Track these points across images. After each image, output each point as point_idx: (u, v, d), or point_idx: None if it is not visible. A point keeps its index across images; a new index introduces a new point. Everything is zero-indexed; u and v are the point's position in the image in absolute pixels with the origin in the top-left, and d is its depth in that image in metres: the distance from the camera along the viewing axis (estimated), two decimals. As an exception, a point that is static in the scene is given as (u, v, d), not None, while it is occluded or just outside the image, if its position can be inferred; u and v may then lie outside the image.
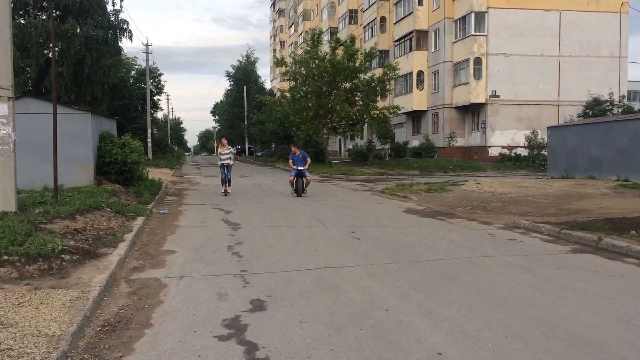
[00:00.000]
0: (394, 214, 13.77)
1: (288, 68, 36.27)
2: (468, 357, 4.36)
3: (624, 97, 39.91)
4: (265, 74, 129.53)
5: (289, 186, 18.77)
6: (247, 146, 73.64)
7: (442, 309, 5.63)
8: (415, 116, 47.33)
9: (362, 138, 48.07)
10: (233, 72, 72.50)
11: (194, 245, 9.23)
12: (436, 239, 10.00)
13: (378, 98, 36.71)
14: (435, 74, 44.09)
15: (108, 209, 11.46)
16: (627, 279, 6.99)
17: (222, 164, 18.83)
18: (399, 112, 37.42)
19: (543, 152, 34.91)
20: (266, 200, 17.12)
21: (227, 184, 18.80)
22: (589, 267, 7.70)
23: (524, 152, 38.18)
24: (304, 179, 18.06)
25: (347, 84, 35.36)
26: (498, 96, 39.84)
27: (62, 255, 7.25)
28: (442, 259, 8.12)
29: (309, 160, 18.44)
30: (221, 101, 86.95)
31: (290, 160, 18.39)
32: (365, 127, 40.69)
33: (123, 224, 10.60)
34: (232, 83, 73.42)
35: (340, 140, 61.22)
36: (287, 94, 38.30)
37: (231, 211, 14.04)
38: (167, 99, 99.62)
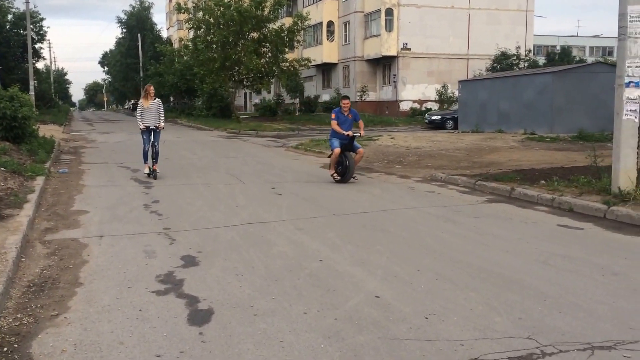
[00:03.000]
0: (312, 169, 14.19)
1: (190, 15, 35.24)
2: (404, 298, 4.83)
3: (530, 51, 42.38)
4: (162, 21, 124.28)
5: (196, 145, 18.03)
6: (142, 101, 71.12)
7: (374, 257, 6.09)
8: (326, 69, 47.74)
9: (269, 92, 47.96)
10: (125, 18, 69.06)
11: (106, 205, 9.14)
12: (358, 193, 10.51)
13: (287, 49, 36.64)
14: (346, 24, 44.49)
15: (2, 168, 10.99)
16: (539, 225, 7.80)
17: (147, 126, 12.44)
18: (309, 64, 37.60)
19: (453, 106, 36.59)
20: (174, 157, 16.94)
21: (154, 159, 12.43)
22: (504, 215, 8.48)
23: (435, 107, 39.81)
24: (352, 153, 11.65)
25: (255, 34, 34.95)
26: (409, 49, 40.98)
27: (-37, 218, 7.01)
28: (367, 212, 8.62)
29: (362, 123, 12.19)
30: (111, 50, 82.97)
31: (334, 122, 11.71)
32: (273, 80, 40.60)
33: (22, 184, 10.23)
34: (124, 30, 70.07)
35: (245, 94, 60.67)
36: (190, 44, 37.31)
37: (139, 169, 13.83)
38: (50, 48, 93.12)
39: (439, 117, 31.41)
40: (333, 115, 11.85)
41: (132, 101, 70.12)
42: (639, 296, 4.86)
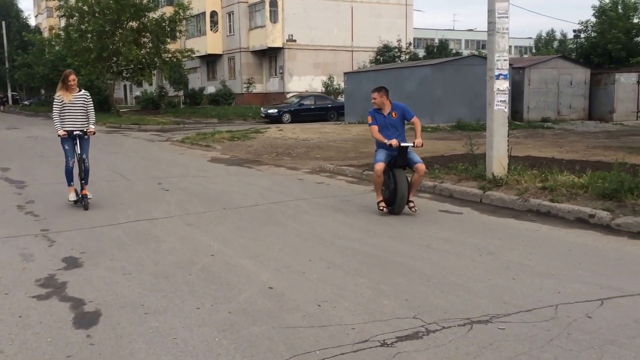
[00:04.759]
0: (199, 163, 14.03)
1: (61, 2, 33.39)
2: (297, 287, 4.98)
3: (410, 44, 44.19)
4: (29, 8, 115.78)
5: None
6: (10, 94, 66.54)
7: (266, 250, 6.19)
8: (210, 60, 47.09)
9: (151, 84, 46.58)
10: (-13, 4, 64.33)
11: (-25, 208, 8.57)
12: (248, 186, 10.56)
13: (169, 40, 35.74)
14: (230, 15, 44.09)
15: None
16: (422, 211, 8.20)
17: (72, 131, 8.64)
18: (193, 55, 36.93)
19: (340, 97, 37.40)
20: (49, 154, 16.05)
21: (82, 179, 8.63)
22: (390, 203, 8.86)
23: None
24: (405, 170, 8.05)
25: (134, 23, 33.81)
26: (295, 40, 41.36)
27: None
28: (258, 205, 8.69)
29: (418, 123, 8.18)
30: (-28, 40, 76.83)
31: (374, 127, 8.08)
32: (155, 72, 39.48)
33: None
34: (-14, 18, 65.18)
35: (125, 86, 58.46)
36: (62, 33, 35.38)
37: (9, 168, 13.03)
38: None
39: (276, 110, 31.42)
40: (370, 119, 8.16)
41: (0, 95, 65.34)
42: (511, 273, 5.30)
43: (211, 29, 44.82)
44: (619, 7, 35.07)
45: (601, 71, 28.27)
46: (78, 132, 8.67)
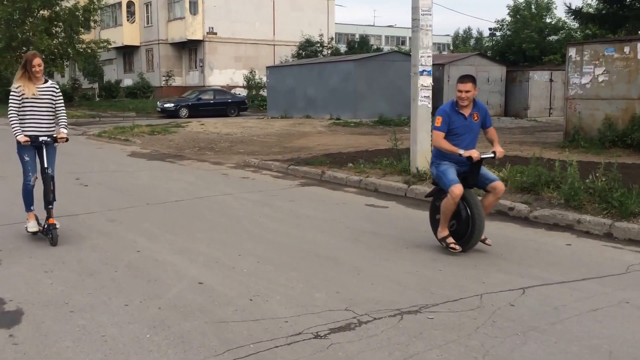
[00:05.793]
0: (119, 158, 13.67)
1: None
2: (228, 282, 4.97)
3: (332, 39, 44.59)
4: None
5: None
6: None
7: (194, 245, 6.13)
8: (127, 52, 45.74)
9: (63, 76, 44.77)
10: None
11: None
12: (171, 181, 10.39)
13: (83, 30, 34.49)
14: (147, 5, 42.97)
15: None
16: (349, 205, 8.39)
17: (36, 136, 6.32)
18: (108, 46, 35.78)
19: (262, 92, 37.29)
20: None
21: (48, 203, 6.39)
22: (317, 197, 8.98)
23: (243, 92, 40.24)
24: (476, 193, 6.29)
25: (45, 11, 32.44)
26: (215, 33, 40.83)
27: None
28: (183, 200, 8.58)
29: (494, 132, 6.33)
30: None
31: (439, 133, 5.88)
32: (68, 63, 37.97)
33: None
34: None
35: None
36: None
37: None
38: None
39: (173, 105, 30.48)
40: (439, 120, 5.94)
41: None
42: (437, 264, 5.51)
43: (128, 20, 43.51)
44: (533, 7, 36.78)
45: (516, 69, 29.58)
46: (45, 138, 6.33)
